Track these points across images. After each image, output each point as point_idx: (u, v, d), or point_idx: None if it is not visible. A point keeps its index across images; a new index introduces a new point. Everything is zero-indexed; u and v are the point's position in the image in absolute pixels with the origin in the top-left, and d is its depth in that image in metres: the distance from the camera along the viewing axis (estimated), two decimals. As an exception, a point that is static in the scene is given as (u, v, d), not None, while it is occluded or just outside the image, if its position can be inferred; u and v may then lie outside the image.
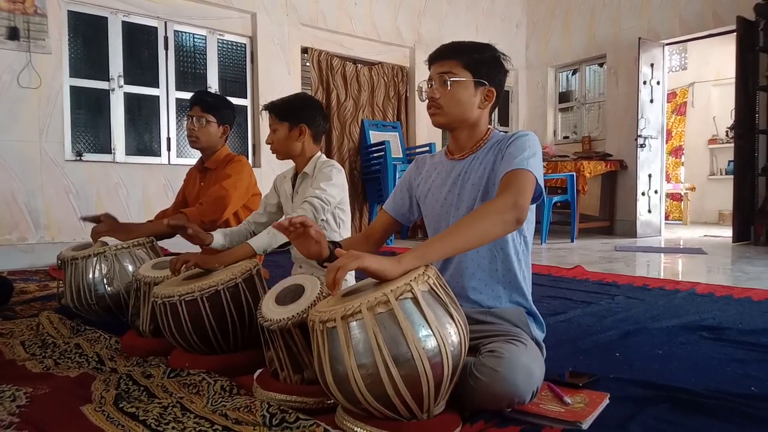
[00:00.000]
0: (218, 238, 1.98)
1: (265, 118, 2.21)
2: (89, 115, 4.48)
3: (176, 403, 1.29)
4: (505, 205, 1.24)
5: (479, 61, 1.44)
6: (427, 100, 1.49)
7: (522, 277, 1.48)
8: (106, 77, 4.51)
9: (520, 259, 1.47)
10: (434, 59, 1.48)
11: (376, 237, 1.67)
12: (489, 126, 1.53)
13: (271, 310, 1.34)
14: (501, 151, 1.41)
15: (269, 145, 2.17)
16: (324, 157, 2.18)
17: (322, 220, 2.03)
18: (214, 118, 2.58)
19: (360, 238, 1.68)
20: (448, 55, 1.45)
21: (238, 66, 5.30)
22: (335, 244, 1.46)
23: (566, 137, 7.55)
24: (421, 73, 6.22)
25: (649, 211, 6.32)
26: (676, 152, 8.96)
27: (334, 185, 2.01)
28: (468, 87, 1.43)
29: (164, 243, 2.30)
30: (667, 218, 8.50)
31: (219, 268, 1.71)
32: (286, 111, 2.12)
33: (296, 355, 1.32)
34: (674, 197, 8.73)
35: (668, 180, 8.61)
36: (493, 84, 1.46)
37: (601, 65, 7.02)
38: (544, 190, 1.40)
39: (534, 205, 1.51)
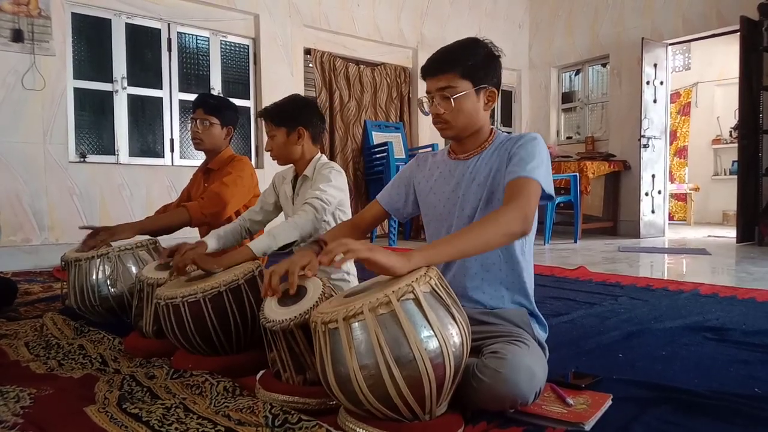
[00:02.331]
0: (212, 244, 1.94)
1: None
2: (93, 116, 4.50)
3: (179, 404, 1.29)
4: (515, 218, 1.26)
5: (475, 66, 1.41)
6: (429, 114, 1.48)
7: (525, 277, 1.48)
8: (109, 79, 4.52)
9: (523, 258, 1.48)
10: (429, 74, 1.44)
11: (363, 227, 1.68)
12: (492, 126, 1.54)
13: (274, 311, 1.34)
14: (509, 152, 1.41)
15: (269, 152, 2.16)
16: (324, 158, 2.17)
17: (323, 221, 2.02)
18: (217, 119, 2.58)
19: (348, 226, 1.67)
20: (443, 68, 1.41)
21: (241, 67, 5.31)
22: (320, 243, 1.48)
23: (569, 137, 7.55)
24: (424, 74, 6.22)
25: (653, 212, 6.30)
26: (681, 152, 8.94)
27: (333, 186, 2.00)
28: (470, 97, 1.42)
29: (164, 242, 2.30)
30: (671, 218, 8.49)
31: (218, 270, 1.71)
32: (282, 116, 2.09)
33: (298, 356, 1.33)
34: (679, 197, 8.70)
35: (673, 180, 8.60)
36: (492, 83, 1.46)
37: (604, 65, 7.01)
38: (554, 195, 1.40)
39: (537, 208, 1.51)
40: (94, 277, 2.05)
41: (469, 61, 1.41)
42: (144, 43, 4.74)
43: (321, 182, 2.01)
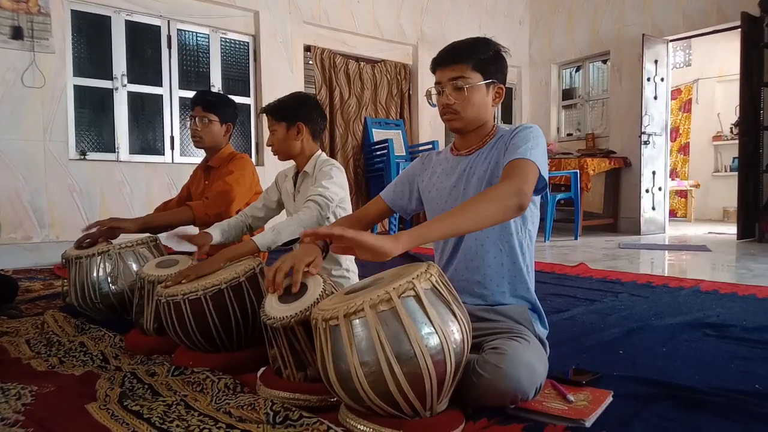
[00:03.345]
0: (216, 236, 1.98)
1: None
2: (93, 114, 4.49)
3: (180, 401, 1.29)
4: (509, 191, 1.24)
5: (486, 61, 1.45)
6: (436, 106, 1.49)
7: (526, 270, 1.49)
8: (109, 76, 4.51)
9: (524, 252, 1.49)
10: (442, 64, 1.47)
11: (367, 221, 1.71)
12: (495, 123, 1.55)
13: (274, 308, 1.34)
14: (505, 144, 1.43)
15: (270, 147, 2.18)
16: (324, 155, 2.18)
17: (326, 218, 2.03)
18: (216, 116, 2.58)
19: (351, 221, 1.70)
20: (457, 59, 1.44)
21: (241, 64, 5.30)
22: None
23: (570, 134, 7.54)
24: (424, 71, 6.21)
25: (653, 209, 6.30)
26: (684, 149, 8.93)
27: (335, 183, 2.02)
28: (481, 89, 1.45)
29: (164, 240, 2.31)
30: (675, 215, 8.47)
31: (224, 265, 1.71)
32: (282, 111, 2.13)
33: (299, 353, 1.33)
34: (682, 194, 8.69)
35: (677, 177, 8.59)
36: (501, 80, 1.48)
37: (604, 62, 7.00)
38: (548, 181, 1.40)
39: (538, 200, 1.52)
40: (94, 274, 2.05)
41: (481, 56, 1.44)
42: (144, 41, 4.73)
43: (323, 179, 2.02)
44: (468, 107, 1.45)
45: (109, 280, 2.05)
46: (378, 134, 6.07)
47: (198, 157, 4.56)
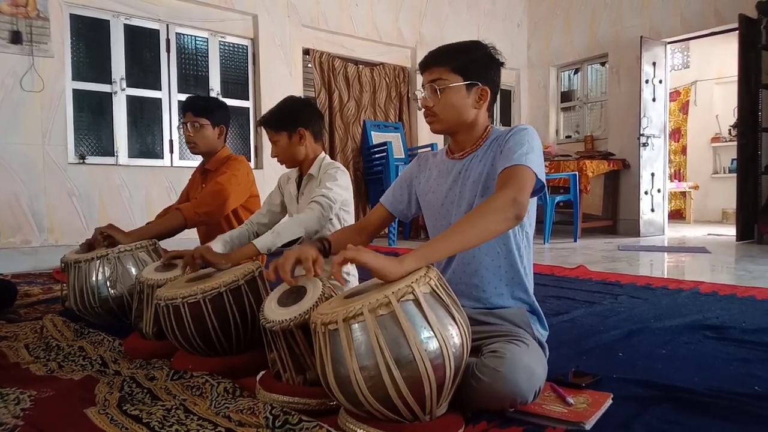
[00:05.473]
0: (217, 248, 1.95)
1: None
2: (92, 118, 4.50)
3: (180, 405, 1.29)
4: (505, 202, 1.24)
5: (468, 62, 1.43)
6: (423, 109, 1.49)
7: (524, 273, 1.49)
8: (108, 80, 4.52)
9: (522, 254, 1.48)
10: (424, 67, 1.47)
11: (370, 230, 1.70)
12: (489, 124, 1.54)
13: (274, 312, 1.34)
14: (500, 147, 1.42)
15: (276, 158, 2.17)
16: (328, 158, 2.18)
17: (329, 219, 2.03)
18: (207, 120, 2.57)
19: (353, 230, 1.69)
20: (436, 61, 1.45)
21: (239, 68, 5.31)
22: (323, 241, 1.48)
23: (568, 137, 7.55)
24: (423, 74, 6.21)
25: (652, 210, 6.31)
26: (685, 150, 8.93)
27: (339, 185, 2.02)
28: (459, 91, 1.43)
29: (165, 244, 2.31)
30: (680, 215, 8.45)
31: (225, 265, 1.71)
32: (280, 120, 2.11)
33: (299, 357, 1.33)
34: (686, 194, 8.66)
35: (679, 178, 8.59)
36: (486, 82, 1.46)
37: (602, 64, 7.01)
38: (545, 183, 1.40)
39: (535, 202, 1.52)
40: (93, 278, 2.04)
41: (463, 58, 1.43)
42: (143, 44, 4.74)
43: (327, 181, 2.02)
44: (445, 109, 1.44)
45: (108, 284, 2.05)
46: (377, 137, 6.08)
47: (197, 160, 4.56)
